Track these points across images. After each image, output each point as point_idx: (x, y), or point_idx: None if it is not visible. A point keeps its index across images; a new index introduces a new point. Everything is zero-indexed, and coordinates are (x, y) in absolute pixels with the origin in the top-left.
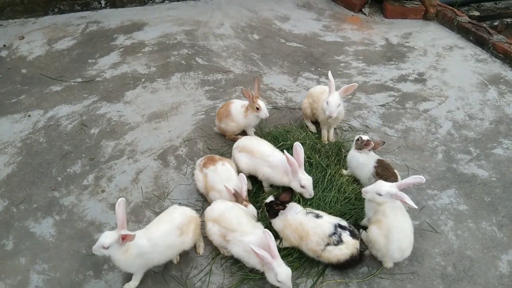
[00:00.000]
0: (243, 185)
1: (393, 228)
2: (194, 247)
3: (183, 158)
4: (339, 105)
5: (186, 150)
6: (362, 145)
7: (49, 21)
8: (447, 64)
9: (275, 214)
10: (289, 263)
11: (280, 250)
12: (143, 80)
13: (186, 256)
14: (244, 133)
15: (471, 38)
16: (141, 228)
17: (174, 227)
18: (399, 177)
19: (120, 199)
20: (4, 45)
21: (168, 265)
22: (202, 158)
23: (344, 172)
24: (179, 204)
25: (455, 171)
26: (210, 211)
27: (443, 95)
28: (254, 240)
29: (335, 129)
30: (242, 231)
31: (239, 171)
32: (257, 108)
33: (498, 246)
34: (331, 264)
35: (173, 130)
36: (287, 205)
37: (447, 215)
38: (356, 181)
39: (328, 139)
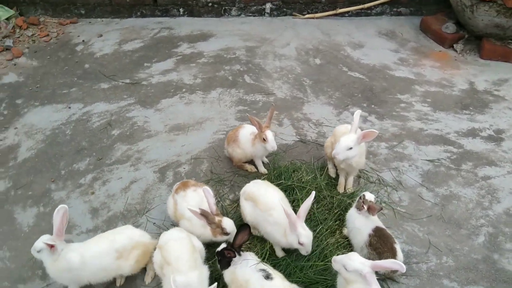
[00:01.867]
0: (209, 199)
1: None
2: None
3: (181, 176)
4: (351, 148)
5: (188, 168)
6: (360, 205)
7: (129, 23)
8: None
9: (227, 264)
10: None
11: None
12: (184, 90)
13: (132, 281)
14: (252, 162)
15: None
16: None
17: (113, 249)
18: (399, 254)
19: (60, 206)
20: (83, 41)
21: (111, 284)
22: (179, 182)
23: (344, 231)
24: (153, 224)
25: (494, 264)
26: (161, 236)
27: None
28: (182, 282)
29: (358, 177)
30: (176, 268)
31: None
32: (264, 139)
33: None
34: None
35: (187, 145)
36: (241, 252)
37: None
38: (350, 246)
39: (345, 189)
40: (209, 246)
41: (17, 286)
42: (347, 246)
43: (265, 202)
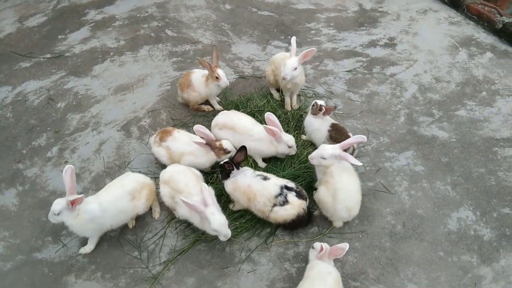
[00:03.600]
0: (205, 131)
1: (339, 189)
2: (150, 211)
3: (145, 128)
4: (295, 68)
5: (149, 121)
6: (316, 110)
7: None
8: (419, 28)
9: (226, 176)
10: (241, 225)
11: (232, 212)
12: (111, 54)
13: (142, 220)
14: (207, 102)
15: (446, 0)
16: None
17: (126, 192)
18: None
19: (67, 166)
20: None
21: (124, 229)
22: (154, 134)
23: (303, 137)
24: (139, 172)
25: (415, 133)
26: (163, 173)
27: (412, 59)
28: (199, 201)
29: (298, 95)
30: (188, 193)
31: None
32: (217, 78)
33: (450, 204)
34: (280, 225)
35: (138, 102)
36: (240, 167)
37: (402, 176)
38: (312, 145)
39: (291, 106)
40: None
41: (33, 255)
42: (310, 145)
43: (243, 125)
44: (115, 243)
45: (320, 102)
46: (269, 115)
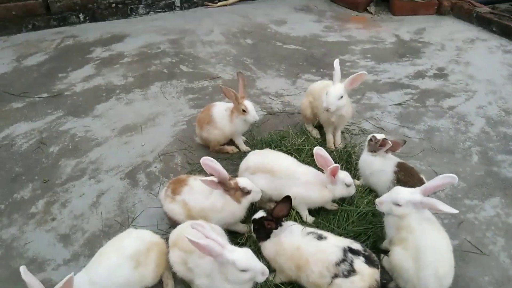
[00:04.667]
0: (215, 166)
1: (423, 247)
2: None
3: (156, 175)
4: (341, 97)
5: (160, 166)
6: (377, 146)
7: (21, 39)
8: (470, 57)
9: (266, 236)
10: None
11: (275, 286)
12: (117, 91)
13: None
14: (231, 142)
15: (494, 29)
16: None
17: (126, 257)
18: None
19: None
20: None
21: None
22: (166, 186)
23: (357, 182)
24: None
25: (496, 175)
26: (171, 235)
27: (470, 90)
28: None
29: (342, 133)
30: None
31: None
32: (243, 110)
33: None
34: None
35: (147, 144)
36: (282, 222)
37: (494, 231)
38: (372, 193)
39: (334, 145)
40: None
41: None
42: (369, 192)
43: (284, 167)
44: None
45: (380, 136)
46: (318, 150)
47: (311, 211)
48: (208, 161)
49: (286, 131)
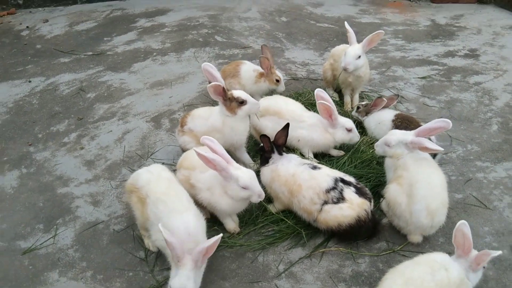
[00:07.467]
0: (213, 72)
1: (416, 182)
2: None
3: (178, 121)
4: (359, 57)
5: (184, 114)
6: (368, 108)
7: (76, 9)
8: (506, 41)
9: (265, 160)
10: (281, 230)
11: (270, 214)
12: (154, 54)
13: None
14: None
15: None
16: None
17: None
18: None
19: None
20: (27, 27)
21: (133, 224)
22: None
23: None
24: (162, 163)
25: None
26: (179, 160)
27: (501, 69)
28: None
29: (361, 98)
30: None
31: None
32: (277, 81)
33: None
34: (333, 232)
35: (174, 96)
36: (283, 153)
37: (502, 190)
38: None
39: (352, 107)
40: None
41: (15, 243)
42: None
43: (291, 110)
44: (118, 238)
45: (363, 102)
46: (319, 92)
47: (317, 156)
48: (208, 67)
49: (304, 90)
